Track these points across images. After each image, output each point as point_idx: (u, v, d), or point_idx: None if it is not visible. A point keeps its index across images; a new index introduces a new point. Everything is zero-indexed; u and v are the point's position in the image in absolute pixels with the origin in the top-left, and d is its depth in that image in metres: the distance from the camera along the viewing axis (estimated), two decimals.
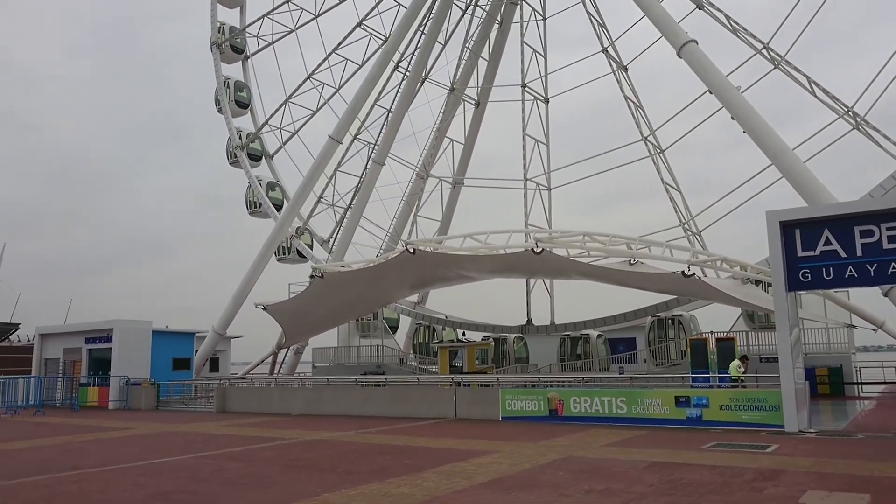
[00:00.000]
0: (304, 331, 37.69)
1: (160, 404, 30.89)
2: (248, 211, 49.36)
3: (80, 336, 34.31)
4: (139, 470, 12.93)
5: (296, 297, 32.35)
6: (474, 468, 12.14)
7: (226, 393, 28.76)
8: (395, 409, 23.61)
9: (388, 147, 44.59)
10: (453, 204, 49.37)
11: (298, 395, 28.08)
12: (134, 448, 16.51)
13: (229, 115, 49.45)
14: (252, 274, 43.62)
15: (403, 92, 44.20)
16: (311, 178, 43.16)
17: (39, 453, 15.83)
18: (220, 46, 50.04)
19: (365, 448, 15.51)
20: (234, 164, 49.64)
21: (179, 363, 35.31)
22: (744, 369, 20.59)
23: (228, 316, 42.87)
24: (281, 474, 12.05)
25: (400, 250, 26.71)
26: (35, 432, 20.86)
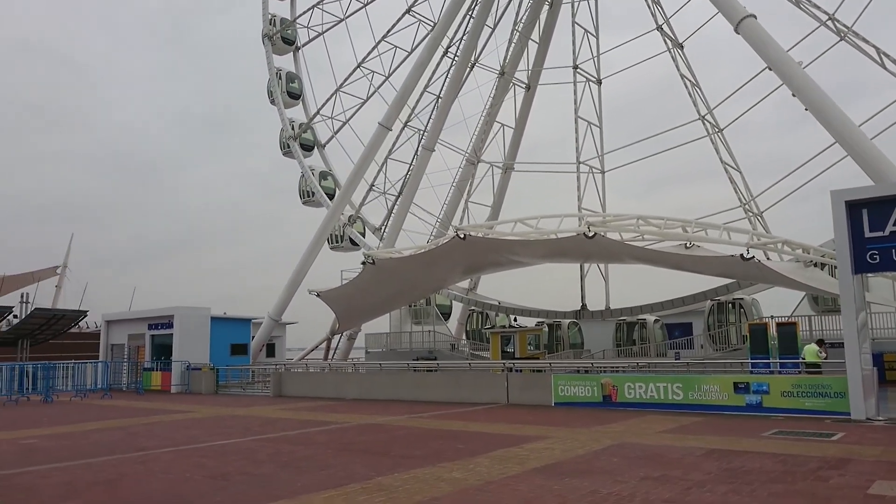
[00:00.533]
0: (356, 317, 38.17)
1: (219, 388, 31.77)
2: (301, 200, 50.06)
3: (143, 322, 35.54)
4: (200, 452, 13.30)
5: (348, 284, 32.77)
6: (527, 454, 12.07)
7: (282, 378, 29.37)
8: (447, 394, 23.70)
9: (438, 133, 44.53)
10: (504, 189, 49.12)
11: (352, 380, 28.49)
12: (195, 430, 17.01)
13: (282, 107, 50.16)
14: (305, 261, 44.34)
15: (452, 77, 44.01)
16: (361, 165, 43.51)
17: (107, 435, 16.46)
18: (272, 38, 50.75)
19: (417, 433, 15.61)
20: (288, 155, 50.37)
21: (237, 349, 36.21)
22: (825, 355, 19.73)
23: (283, 302, 43.73)
24: (335, 457, 12.22)
25: (450, 236, 26.71)
26: (103, 415, 21.71)
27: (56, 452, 13.57)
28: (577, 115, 45.30)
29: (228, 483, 10.01)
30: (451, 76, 44.35)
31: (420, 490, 9.18)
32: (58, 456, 13.09)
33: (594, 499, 8.47)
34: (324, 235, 45.05)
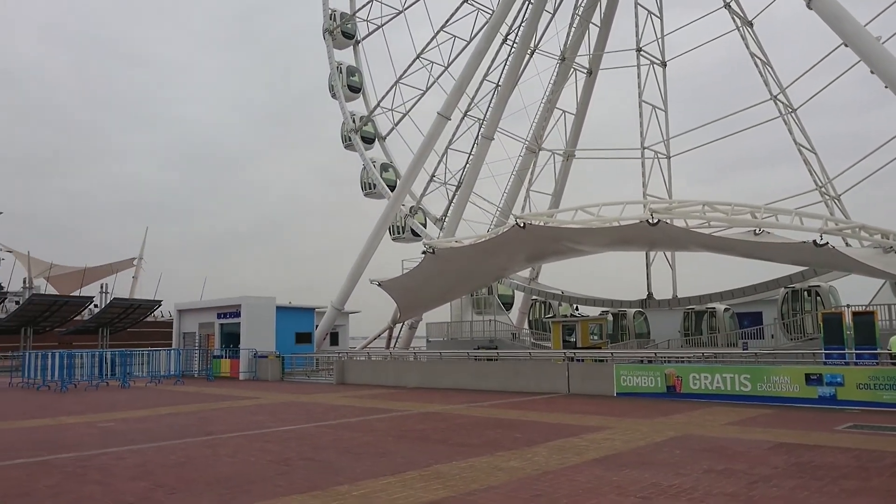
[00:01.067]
0: (417, 306, 38.43)
1: (285, 376, 32.60)
2: (363, 192, 50.62)
3: (213, 311, 36.76)
4: (265, 437, 13.67)
5: (408, 273, 32.99)
6: (586, 444, 11.92)
7: (344, 366, 29.90)
8: (506, 383, 23.65)
9: (497, 121, 44.21)
10: (565, 177, 48.47)
11: (413, 368, 28.76)
12: (261, 416, 17.51)
13: (343, 100, 50.77)
14: (367, 251, 44.91)
15: (511, 65, 43.57)
16: (421, 155, 43.66)
17: (179, 419, 17.12)
18: (332, 33, 51.38)
19: (476, 421, 15.63)
20: (349, 148, 50.99)
21: (302, 337, 37.07)
22: None
23: (346, 292, 44.45)
24: (395, 444, 12.35)
25: (510, 225, 26.53)
26: (175, 400, 22.60)
27: (131, 435, 14.19)
28: (641, 98, 44.14)
29: (290, 468, 10.25)
30: (510, 63, 43.93)
31: (477, 478, 9.18)
32: (133, 439, 13.69)
33: (654, 491, 8.29)
34: (384, 226, 45.51)
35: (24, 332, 55.33)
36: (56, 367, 28.69)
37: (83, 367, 29.84)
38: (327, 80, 52.27)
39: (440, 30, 46.36)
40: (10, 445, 13.03)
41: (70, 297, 69.34)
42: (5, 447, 12.81)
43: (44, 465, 10.85)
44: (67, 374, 28.67)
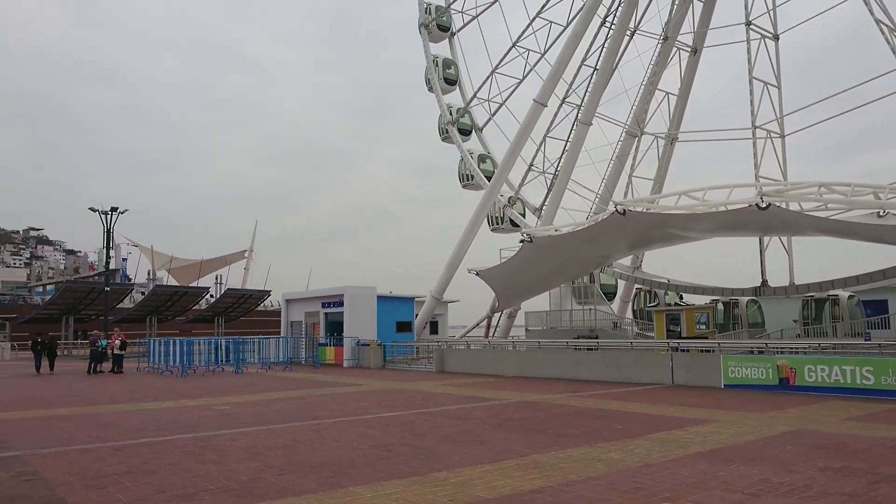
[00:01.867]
0: (515, 295, 38.34)
1: (386, 363, 33.41)
2: (461, 184, 50.81)
3: (318, 301, 38.15)
4: (366, 422, 14.09)
5: (506, 262, 32.95)
6: (691, 437, 11.52)
7: (444, 354, 30.28)
8: (607, 373, 23.21)
9: (595, 106, 43.21)
10: (668, 161, 46.77)
11: (511, 357, 28.73)
12: (363, 403, 18.04)
13: (439, 93, 51.11)
14: (464, 241, 45.17)
15: (610, 47, 42.43)
16: (517, 144, 43.36)
17: (287, 404, 17.92)
18: (428, 27, 51.79)
19: (575, 411, 15.44)
20: (447, 140, 51.31)
21: (402, 326, 37.84)
22: None
23: (444, 281, 44.92)
24: (492, 433, 12.40)
25: (610, 212, 25.93)
26: (284, 386, 23.67)
27: (244, 418, 15.00)
28: (752, 75, 41.78)
29: (391, 453, 10.51)
30: (608, 46, 42.81)
31: (575, 469, 9.08)
32: (245, 421, 14.47)
33: (763, 488, 7.90)
34: (481, 215, 45.58)
35: (149, 320, 59.62)
36: (177, 354, 30.73)
37: (201, 353, 31.80)
38: (423, 73, 52.78)
39: (536, 16, 45.72)
40: (139, 425, 14.09)
41: (189, 287, 74.14)
42: (135, 427, 13.86)
43: (167, 444, 11.66)
44: (187, 360, 30.62)
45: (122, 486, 8.43)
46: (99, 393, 21.82)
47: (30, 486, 8.52)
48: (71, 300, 55.89)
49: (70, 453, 10.91)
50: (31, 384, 26.20)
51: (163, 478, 8.92)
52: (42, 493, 8.18)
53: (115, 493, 8.12)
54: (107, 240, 49.34)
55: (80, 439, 12.32)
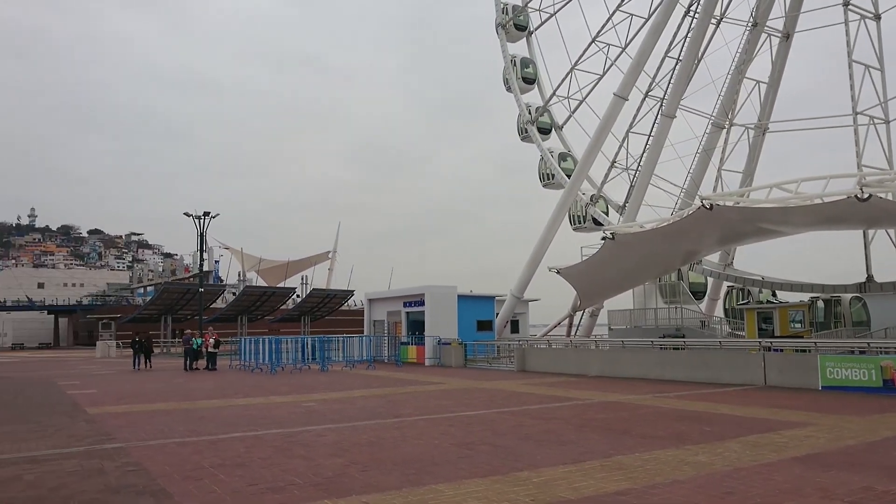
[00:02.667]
0: (597, 293, 37.67)
1: (467, 362, 33.53)
2: (541, 184, 50.28)
3: (399, 300, 38.70)
4: (448, 421, 14.19)
5: (587, 260, 32.41)
6: (785, 441, 11.00)
7: (525, 353, 30.12)
8: (694, 373, 22.48)
9: (679, 98, 41.84)
10: (757, 152, 44.78)
11: (594, 356, 28.26)
12: (444, 401, 18.18)
13: (518, 93, 50.79)
14: (544, 239, 44.75)
15: (694, 36, 40.99)
16: (597, 139, 42.59)
17: (370, 401, 18.28)
18: (505, 27, 51.58)
19: (661, 412, 15.03)
20: (526, 140, 50.91)
21: (483, 325, 37.88)
22: None
23: (525, 280, 44.66)
24: (575, 433, 12.25)
25: (696, 206, 25.10)
26: (367, 383, 24.16)
27: (329, 415, 15.41)
28: (851, 58, 39.41)
29: (473, 452, 10.55)
30: (692, 35, 41.37)
31: (661, 471, 8.84)
32: (331, 418, 14.86)
33: (866, 496, 7.46)
34: (561, 213, 45.03)
35: (239, 319, 62.14)
36: (266, 352, 31.90)
37: (288, 351, 32.88)
38: (501, 73, 52.57)
39: (616, 10, 44.79)
40: (231, 420, 14.71)
41: (276, 288, 76.78)
42: (228, 422, 14.49)
43: (257, 439, 12.12)
44: (276, 358, 31.74)
45: (216, 479, 8.83)
46: (194, 389, 22.93)
47: (134, 477, 9.05)
48: (169, 301, 58.99)
49: (169, 446, 11.51)
50: (133, 380, 27.81)
51: (254, 471, 9.29)
52: (145, 483, 8.66)
53: (210, 484, 8.51)
54: (200, 243, 51.80)
55: (178, 433, 12.99)
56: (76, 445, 11.66)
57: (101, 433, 13.03)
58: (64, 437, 12.60)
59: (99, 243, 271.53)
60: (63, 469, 9.64)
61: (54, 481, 8.85)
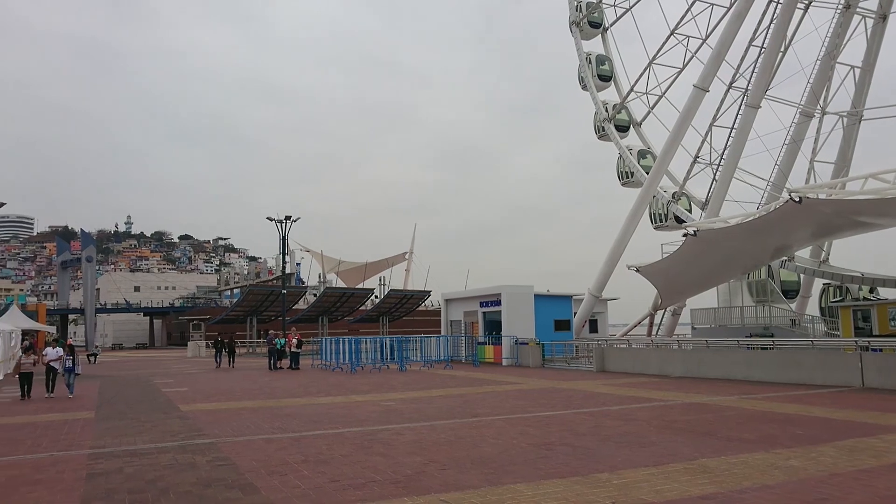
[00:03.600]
0: (679, 291, 36.62)
1: (545, 362, 33.23)
2: (620, 182, 49.26)
3: (476, 300, 38.74)
4: (525, 421, 14.11)
5: (668, 258, 31.57)
6: (886, 446, 10.38)
7: (604, 353, 29.59)
8: (784, 374, 21.51)
9: (764, 87, 40.12)
10: (852, 142, 42.39)
11: (677, 357, 27.46)
12: (522, 401, 18.09)
13: (594, 90, 49.95)
14: (623, 236, 43.81)
15: (779, 22, 39.21)
16: (677, 133, 41.32)
17: (448, 401, 18.39)
18: (579, 24, 50.83)
19: (748, 414, 14.45)
20: (603, 138, 50.02)
21: (560, 324, 37.43)
22: None
23: (603, 278, 43.86)
24: (657, 435, 11.95)
25: (783, 200, 24.01)
26: (444, 383, 24.31)
27: (408, 414, 15.60)
28: None
29: (551, 452, 10.46)
30: (777, 20, 39.58)
31: (749, 476, 8.51)
32: (409, 417, 15.04)
33: None
34: (640, 210, 43.96)
35: (320, 320, 63.76)
36: (346, 352, 32.60)
37: (367, 351, 33.48)
38: (576, 71, 51.82)
39: (695, 0, 43.38)
40: (314, 418, 15.12)
41: (355, 289, 78.41)
42: (310, 420, 14.90)
43: (339, 436, 12.41)
44: (356, 358, 32.39)
45: (300, 475, 9.10)
46: (279, 387, 23.70)
47: (223, 471, 9.45)
48: (254, 303, 61.19)
49: (256, 442, 11.95)
50: (221, 378, 28.98)
51: (336, 468, 9.52)
52: (234, 477, 9.03)
53: (294, 480, 8.78)
54: (282, 246, 53.47)
55: (264, 429, 13.46)
56: (170, 440, 12.27)
57: (193, 429, 13.67)
58: (159, 433, 13.28)
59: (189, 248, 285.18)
60: (159, 462, 10.17)
61: (152, 474, 9.34)
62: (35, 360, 21.66)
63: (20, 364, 21.27)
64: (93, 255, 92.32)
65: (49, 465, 10.21)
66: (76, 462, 10.37)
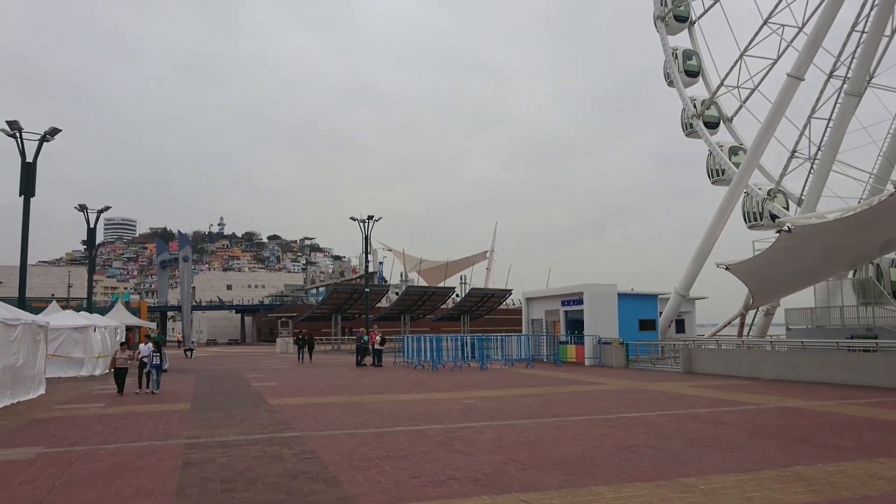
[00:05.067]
0: (772, 290, 34.98)
1: (629, 363, 32.49)
2: (710, 180, 47.35)
3: (557, 299, 38.30)
4: (608, 422, 13.84)
5: (761, 255, 30.20)
6: None
7: (692, 354, 28.65)
8: (890, 378, 20.19)
9: (866, 74, 37.71)
10: None
11: (769, 358, 26.25)
12: (604, 402, 17.75)
13: (681, 86, 48.21)
14: (711, 233, 42.25)
15: (883, 3, 36.74)
16: (769, 124, 39.46)
17: (529, 400, 18.27)
18: (664, 19, 49.24)
19: (848, 420, 13.65)
20: (691, 136, 48.21)
21: (645, 324, 36.50)
22: None
23: (690, 277, 42.45)
24: (747, 440, 11.47)
25: (889, 192, 22.54)
26: (525, 382, 24.16)
27: (489, 412, 15.60)
28: None
29: (634, 455, 10.22)
30: (880, 2, 37.10)
31: (848, 485, 8.04)
32: (489, 415, 15.04)
33: None
34: (730, 205, 42.21)
35: (402, 318, 64.67)
36: (427, 350, 32.93)
37: (448, 349, 33.69)
38: (662, 67, 50.20)
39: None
40: (396, 415, 15.36)
41: (436, 288, 79.07)
42: (392, 416, 15.15)
43: (420, 433, 12.55)
44: (437, 356, 32.66)
45: (382, 470, 9.26)
46: (362, 384, 24.20)
47: (309, 464, 9.74)
48: (338, 301, 62.73)
49: (340, 436, 12.25)
50: (307, 374, 29.84)
51: (416, 464, 9.63)
52: (318, 470, 9.29)
53: (376, 475, 8.95)
54: (365, 245, 54.55)
55: (348, 424, 13.78)
56: (259, 433, 12.75)
57: (281, 422, 14.15)
58: (249, 425, 13.83)
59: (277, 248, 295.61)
60: (249, 454, 10.58)
61: (242, 465, 9.74)
62: (130, 355, 21.97)
63: (115, 359, 21.80)
64: (189, 255, 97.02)
65: (150, 453, 10.81)
66: (173, 451, 10.94)
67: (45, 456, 10.76)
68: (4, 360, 18.11)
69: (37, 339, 21.69)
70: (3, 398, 18.07)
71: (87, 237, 45.93)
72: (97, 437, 12.56)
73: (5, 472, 9.50)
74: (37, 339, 21.69)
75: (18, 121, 27.48)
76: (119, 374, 21.30)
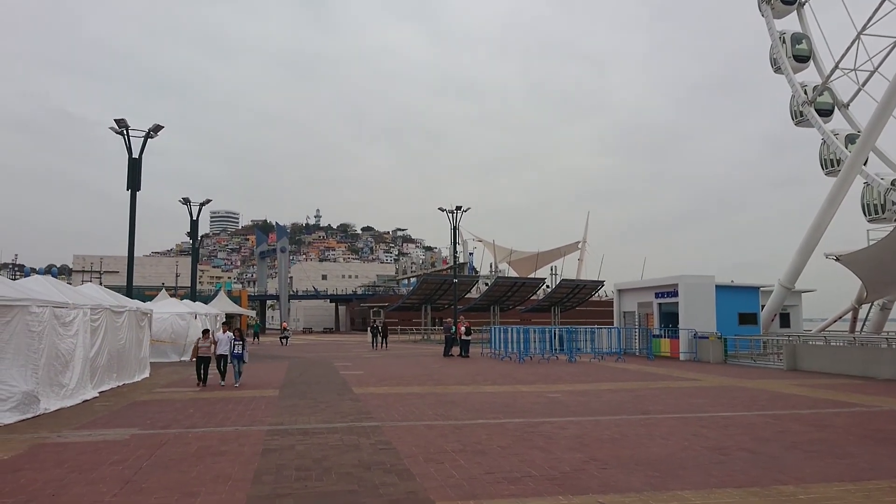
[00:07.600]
0: (889, 283, 32.34)
1: (728, 358, 30.91)
2: (824, 171, 44.14)
3: (651, 291, 36.96)
4: (701, 421, 13.08)
5: (877, 245, 27.97)
6: None
7: (796, 350, 26.90)
8: None
9: None
10: None
11: (885, 356, 24.23)
12: (698, 399, 16.85)
13: (790, 72, 45.14)
14: (819, 223, 39.53)
15: None
16: (885, 107, 36.35)
17: (617, 396, 17.61)
18: (770, 2, 46.24)
19: None
20: (802, 124, 45.08)
21: (745, 318, 34.64)
22: None
23: (796, 269, 39.95)
24: (857, 445, 10.50)
25: None
26: (615, 377, 23.38)
27: (573, 407, 15.13)
28: None
29: (727, 457, 9.55)
30: None
31: None
32: (574, 411, 14.57)
33: None
34: (841, 192, 39.28)
35: (492, 309, 64.46)
36: (515, 341, 32.54)
37: (536, 341, 33.17)
38: (769, 53, 47.21)
39: None
40: (477, 407, 15.14)
41: (526, 279, 78.26)
42: (473, 408, 14.94)
43: (500, 427, 12.27)
44: (524, 347, 32.23)
45: (456, 464, 9.06)
46: (447, 374, 24.15)
47: (384, 455, 9.67)
48: (428, 291, 63.21)
49: (418, 428, 12.15)
50: (393, 363, 30.10)
51: (492, 459, 9.36)
52: (392, 461, 9.19)
53: (450, 469, 8.75)
54: (453, 235, 54.62)
55: (428, 416, 13.68)
56: (340, 421, 12.85)
57: (362, 412, 14.23)
58: (332, 413, 13.98)
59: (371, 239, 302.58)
60: (327, 443, 10.64)
61: (318, 453, 9.79)
62: (211, 342, 20.22)
63: (197, 347, 20.15)
64: (286, 246, 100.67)
65: (233, 438, 11.08)
66: (256, 437, 11.16)
67: (139, 437, 11.24)
68: (111, 346, 19.21)
69: (141, 326, 22.94)
70: (110, 381, 19.20)
71: (190, 229, 48.31)
72: (188, 421, 13.04)
73: (101, 452, 9.96)
74: (141, 326, 22.94)
75: (126, 119, 29.11)
76: (201, 363, 19.83)
